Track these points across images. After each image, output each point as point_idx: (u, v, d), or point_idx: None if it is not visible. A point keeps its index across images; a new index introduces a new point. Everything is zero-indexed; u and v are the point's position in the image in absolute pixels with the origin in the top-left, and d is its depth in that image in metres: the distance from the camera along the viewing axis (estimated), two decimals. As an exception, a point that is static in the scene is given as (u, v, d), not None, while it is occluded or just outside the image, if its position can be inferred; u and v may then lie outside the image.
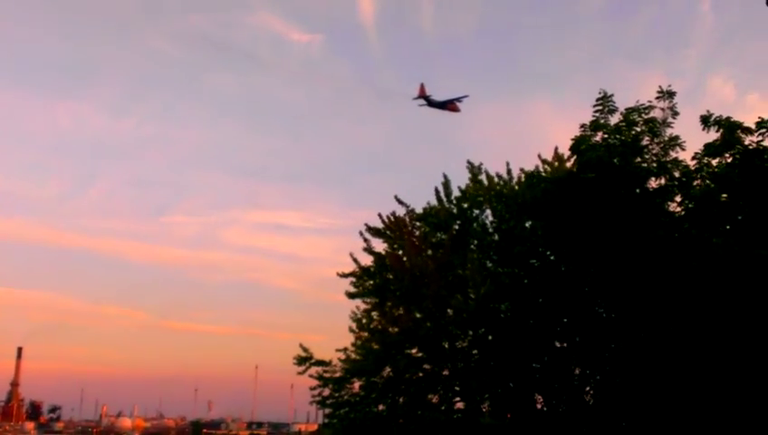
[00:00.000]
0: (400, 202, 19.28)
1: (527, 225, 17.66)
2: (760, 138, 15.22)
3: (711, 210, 15.17)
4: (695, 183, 16.07)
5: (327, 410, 19.00)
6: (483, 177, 19.24)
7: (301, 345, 18.80)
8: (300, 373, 18.53)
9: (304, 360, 18.68)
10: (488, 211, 19.06)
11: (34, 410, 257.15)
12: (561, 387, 15.80)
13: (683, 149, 16.19)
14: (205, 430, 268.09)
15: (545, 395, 16.34)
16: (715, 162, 15.76)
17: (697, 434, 13.42)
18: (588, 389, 16.71)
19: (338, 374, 18.40)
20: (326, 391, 18.55)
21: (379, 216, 19.15)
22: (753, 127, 15.11)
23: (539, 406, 16.27)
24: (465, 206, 19.02)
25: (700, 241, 14.07)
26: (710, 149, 15.63)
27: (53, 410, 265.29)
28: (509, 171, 19.36)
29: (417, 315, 17.28)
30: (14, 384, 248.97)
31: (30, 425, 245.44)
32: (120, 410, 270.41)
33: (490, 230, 18.98)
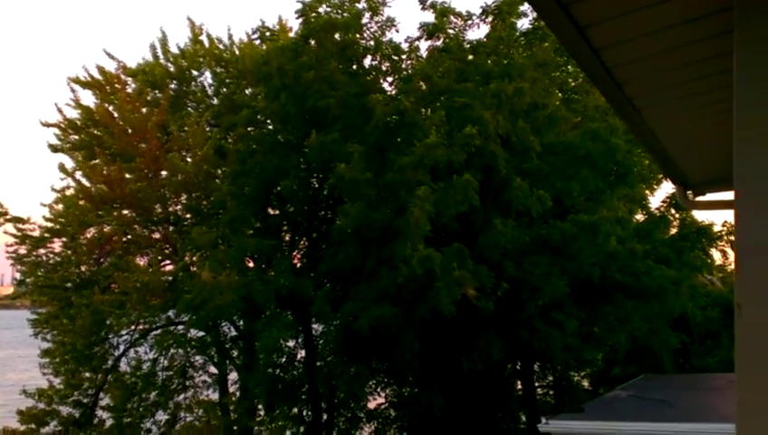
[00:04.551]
0: (110, 56, 17.90)
1: (248, 91, 17.59)
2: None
3: (418, 90, 16.36)
4: (405, 64, 17.17)
5: (21, 271, 17.78)
6: (204, 38, 18.54)
7: (-7, 200, 17.20)
8: None
9: (-3, 214, 17.12)
10: (207, 74, 18.57)
11: None
12: (271, 250, 16.43)
13: (398, 31, 17.07)
14: None
15: (257, 259, 16.92)
16: (426, 45, 16.88)
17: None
18: (296, 253, 17.71)
19: (36, 232, 17.23)
20: (22, 249, 17.33)
21: (84, 69, 17.66)
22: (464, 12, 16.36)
23: (251, 265, 16.84)
24: (184, 65, 18.25)
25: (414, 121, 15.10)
26: (424, 32, 16.64)
27: None
28: (230, 36, 18.90)
29: (128, 175, 16.56)
30: None
31: None
32: None
33: (209, 93, 18.58)
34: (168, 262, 17.57)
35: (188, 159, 16.59)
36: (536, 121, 15.07)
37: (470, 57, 16.08)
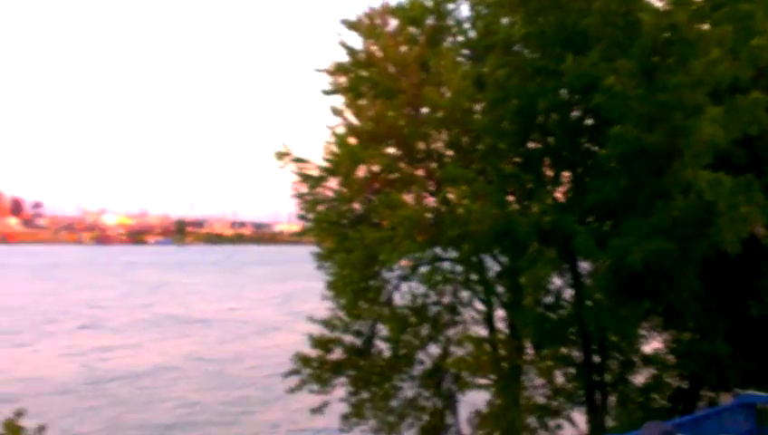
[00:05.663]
0: (379, -6, 18.21)
1: (503, 21, 17.03)
2: None
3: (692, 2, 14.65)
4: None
5: (303, 208, 19.21)
6: (461, -33, 18.21)
7: (282, 143, 18.73)
8: (280, 168, 18.58)
9: (283, 155, 18.58)
10: (463, 6, 18.31)
11: (16, 206, 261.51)
12: (533, 188, 15.97)
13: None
14: (189, 229, 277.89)
15: (518, 196, 16.57)
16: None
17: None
18: (558, 188, 16.98)
19: (315, 172, 18.43)
20: (304, 188, 18.70)
21: (353, 8, 18.28)
22: None
23: (516, 205, 16.52)
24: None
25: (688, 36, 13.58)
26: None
27: (36, 205, 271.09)
28: (489, -40, 18.31)
29: (391, 113, 16.95)
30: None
31: (13, 220, 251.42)
32: (102, 207, 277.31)
33: (466, 26, 18.32)
34: (431, 199, 17.80)
35: (447, 95, 16.51)
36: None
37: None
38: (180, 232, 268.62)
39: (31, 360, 46.89)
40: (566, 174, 16.76)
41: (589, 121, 16.32)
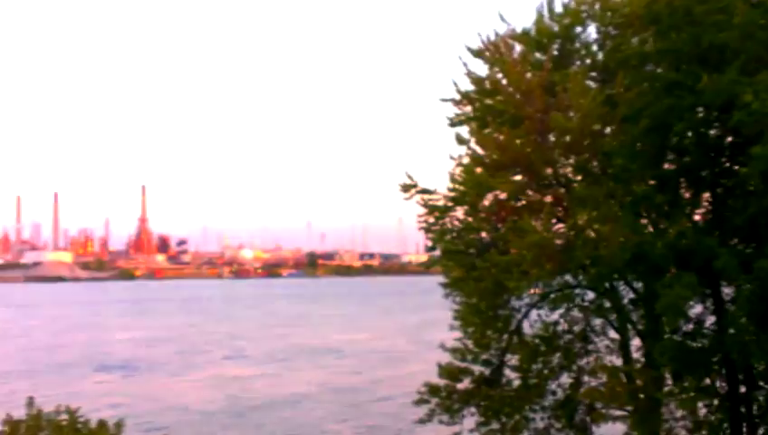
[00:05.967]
0: (504, 20, 18.13)
1: (634, 40, 16.59)
2: None
3: None
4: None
5: (430, 238, 19.29)
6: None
7: (406, 174, 18.91)
8: (406, 199, 18.76)
9: (409, 187, 18.80)
10: (590, 29, 17.91)
11: (163, 244, 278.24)
12: (669, 210, 15.37)
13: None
14: (320, 261, 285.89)
15: (652, 218, 15.99)
16: None
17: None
18: (698, 210, 16.28)
19: (441, 202, 18.48)
20: (430, 219, 18.77)
21: (479, 35, 18.20)
22: None
23: (650, 228, 15.96)
24: (567, 23, 17.84)
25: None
26: None
27: (181, 242, 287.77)
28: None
29: (518, 141, 16.80)
30: (142, 220, 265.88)
31: (161, 257, 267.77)
32: (240, 243, 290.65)
33: (593, 48, 17.92)
34: (560, 225, 17.43)
35: (574, 119, 16.19)
36: None
37: None
38: (312, 265, 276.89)
39: (180, 389, 49.44)
40: (705, 195, 16.05)
41: (729, 140, 15.60)
